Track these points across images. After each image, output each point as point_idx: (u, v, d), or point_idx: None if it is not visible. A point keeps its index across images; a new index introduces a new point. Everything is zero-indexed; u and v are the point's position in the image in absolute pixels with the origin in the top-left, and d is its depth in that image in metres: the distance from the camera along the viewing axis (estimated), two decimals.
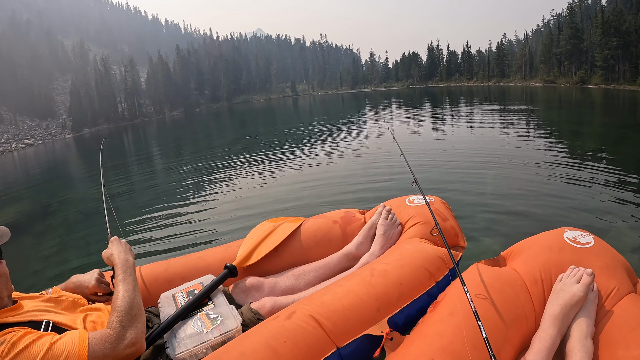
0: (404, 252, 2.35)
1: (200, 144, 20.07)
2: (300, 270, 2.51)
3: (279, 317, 1.91)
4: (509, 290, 1.93)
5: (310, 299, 2.03)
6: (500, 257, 2.29)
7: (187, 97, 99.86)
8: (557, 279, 1.94)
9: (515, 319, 1.83)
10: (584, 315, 1.80)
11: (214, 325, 1.88)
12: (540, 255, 2.08)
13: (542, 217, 4.54)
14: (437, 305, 1.95)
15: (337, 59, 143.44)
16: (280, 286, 2.39)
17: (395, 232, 2.67)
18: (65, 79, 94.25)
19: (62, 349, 1.44)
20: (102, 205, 2.48)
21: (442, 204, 2.86)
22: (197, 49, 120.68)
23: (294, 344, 1.74)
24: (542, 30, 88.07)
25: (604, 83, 49.72)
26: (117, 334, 1.55)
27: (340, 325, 1.87)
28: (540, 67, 64.83)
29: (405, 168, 3.09)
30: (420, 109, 25.45)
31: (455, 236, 2.66)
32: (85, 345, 1.47)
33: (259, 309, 2.09)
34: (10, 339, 1.43)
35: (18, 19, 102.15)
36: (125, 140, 33.16)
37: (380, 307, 1.99)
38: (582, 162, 7.20)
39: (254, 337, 1.77)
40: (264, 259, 2.63)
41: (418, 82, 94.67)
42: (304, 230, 2.83)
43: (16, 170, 24.76)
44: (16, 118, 71.97)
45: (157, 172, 12.39)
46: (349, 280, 2.17)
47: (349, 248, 2.64)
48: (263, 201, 6.54)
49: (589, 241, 2.10)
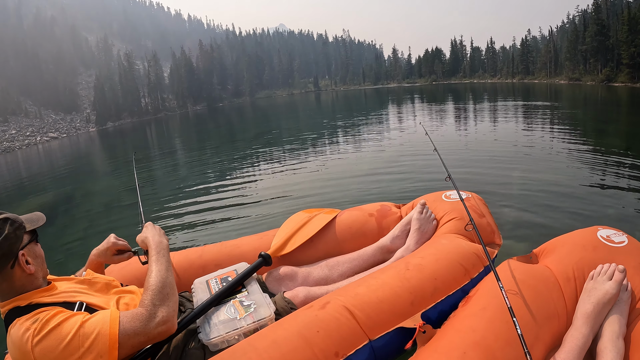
0: (440, 247, 2.33)
1: (226, 137, 20.25)
2: (334, 261, 2.50)
3: (312, 306, 1.91)
4: (542, 287, 1.90)
5: (345, 290, 2.02)
6: (532, 254, 2.25)
7: (210, 92, 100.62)
8: (589, 277, 1.90)
9: (547, 316, 1.80)
10: (616, 315, 1.76)
11: (247, 312, 1.89)
12: (573, 253, 2.04)
13: (575, 215, 4.48)
14: (470, 300, 1.93)
15: (359, 54, 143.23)
16: (313, 276, 2.39)
17: (431, 227, 2.64)
18: (90, 74, 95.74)
19: (94, 327, 1.46)
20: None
21: (479, 200, 2.83)
22: (220, 44, 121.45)
23: (327, 334, 1.74)
24: (567, 26, 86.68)
25: (630, 81, 48.77)
26: (148, 312, 1.57)
27: (373, 318, 1.86)
28: (565, 65, 63.91)
29: (437, 161, 3.08)
30: (444, 105, 25.37)
31: (492, 233, 2.63)
32: (117, 324, 1.49)
33: (292, 298, 2.09)
34: (42, 318, 1.46)
35: (43, 16, 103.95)
36: (148, 133, 33.51)
37: (414, 301, 1.98)
38: (613, 161, 7.04)
39: (287, 326, 1.77)
40: (299, 249, 2.64)
41: (441, 79, 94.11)
42: (339, 222, 2.83)
43: (41, 162, 25.21)
44: (41, 112, 73.28)
45: (185, 164, 12.56)
46: (383, 272, 2.15)
47: (384, 241, 2.63)
48: (298, 192, 6.62)
49: (623, 240, 2.05)
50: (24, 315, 1.49)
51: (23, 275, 1.57)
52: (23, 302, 1.54)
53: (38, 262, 1.64)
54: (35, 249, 1.66)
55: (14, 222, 1.58)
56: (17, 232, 1.57)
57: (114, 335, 1.46)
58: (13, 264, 1.54)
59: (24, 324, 1.45)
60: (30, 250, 1.62)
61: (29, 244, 1.62)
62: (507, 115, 16.60)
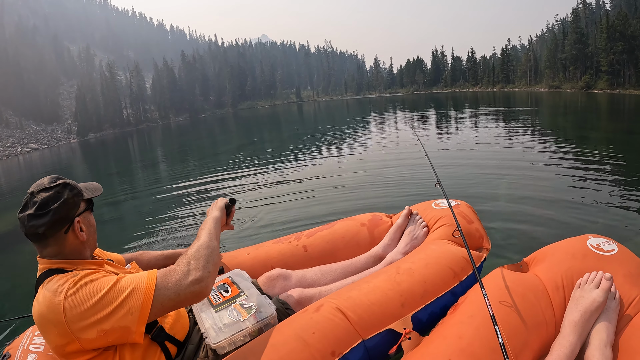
0: (430, 252, 2.40)
1: (208, 150, 20.06)
2: (327, 267, 2.55)
3: (307, 310, 1.96)
4: (530, 295, 1.92)
5: (338, 294, 2.08)
6: (522, 262, 2.28)
7: (192, 103, 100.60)
8: (576, 285, 1.92)
9: (536, 324, 1.82)
10: (604, 322, 1.77)
11: (250, 313, 1.92)
12: (563, 262, 2.06)
13: (565, 224, 4.49)
14: (458, 308, 1.97)
15: (341, 65, 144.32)
16: (307, 279, 2.44)
17: (421, 232, 2.73)
18: (71, 84, 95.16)
19: (130, 282, 1.49)
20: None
21: (468, 207, 2.89)
22: (203, 55, 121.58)
23: (323, 334, 1.80)
24: (546, 35, 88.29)
25: (609, 88, 49.78)
26: (182, 269, 1.55)
27: (365, 319, 1.92)
28: (545, 73, 64.98)
29: (429, 172, 3.11)
30: (426, 114, 25.51)
31: (480, 238, 2.69)
32: (154, 281, 1.50)
33: (286, 298, 2.13)
34: (83, 273, 1.51)
35: (25, 25, 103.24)
36: (130, 144, 33.26)
37: (404, 303, 2.03)
38: (609, 170, 7.06)
39: (284, 330, 1.82)
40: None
41: (423, 88, 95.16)
42: (333, 232, 2.90)
43: (21, 174, 24.85)
44: (22, 122, 72.55)
45: (167, 177, 12.42)
46: (375, 277, 2.22)
47: (376, 250, 2.71)
48: (284, 205, 6.53)
49: (613, 248, 2.07)
50: (68, 273, 1.52)
51: (75, 242, 1.60)
52: (70, 266, 1.57)
53: (91, 232, 1.68)
54: (90, 218, 1.71)
55: (73, 188, 1.62)
56: (75, 199, 1.61)
57: (150, 291, 1.47)
58: (67, 229, 1.56)
59: (63, 278, 1.48)
60: (85, 218, 1.66)
61: (85, 212, 1.66)
62: (487, 124, 16.83)
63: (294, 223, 5.38)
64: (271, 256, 2.71)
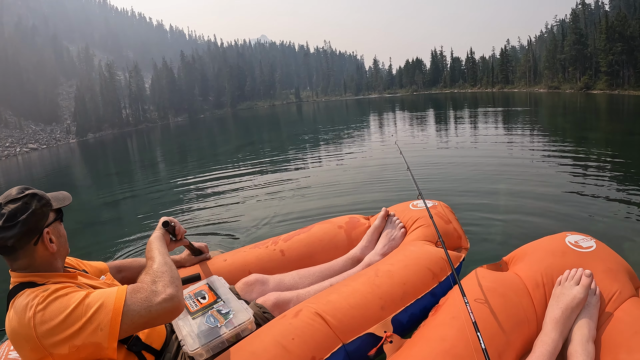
0: (408, 254, 2.40)
1: (207, 151, 19.96)
2: (305, 271, 2.55)
3: (286, 315, 1.95)
4: (511, 294, 1.93)
5: (317, 298, 2.08)
6: (502, 261, 2.29)
7: (191, 103, 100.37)
8: (556, 283, 1.94)
9: (517, 323, 1.84)
10: (585, 319, 1.79)
11: (227, 319, 1.92)
12: (542, 260, 2.08)
13: (545, 222, 4.52)
14: (439, 309, 1.97)
15: (340, 65, 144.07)
16: (285, 284, 2.43)
17: (399, 233, 2.73)
18: (70, 84, 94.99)
19: (99, 298, 1.47)
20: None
21: (445, 208, 2.90)
22: (202, 55, 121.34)
23: (302, 340, 1.79)
24: (545, 36, 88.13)
25: (608, 89, 49.73)
26: (148, 287, 1.53)
27: (345, 323, 1.91)
28: (544, 73, 64.88)
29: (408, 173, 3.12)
30: (425, 116, 25.49)
31: (459, 238, 2.70)
32: (123, 297, 1.48)
33: (264, 302, 2.13)
34: (54, 287, 1.48)
35: (24, 25, 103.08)
36: (129, 144, 33.22)
37: (384, 306, 2.03)
38: (585, 166, 7.21)
39: (263, 336, 1.81)
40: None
41: (422, 89, 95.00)
42: (311, 234, 2.89)
43: (20, 174, 24.82)
44: (21, 122, 72.40)
45: (165, 177, 12.40)
46: (354, 280, 2.22)
47: (354, 252, 2.71)
48: (266, 205, 6.50)
49: (591, 245, 2.09)
50: (38, 287, 1.50)
51: (45, 253, 1.57)
52: (41, 279, 1.55)
53: (61, 242, 1.66)
54: (60, 228, 1.68)
55: (41, 198, 1.60)
56: (43, 209, 1.59)
57: (119, 307, 1.46)
58: (37, 241, 1.54)
59: (33, 293, 1.46)
60: (54, 229, 1.63)
61: (54, 222, 1.64)
62: (486, 124, 16.86)
63: (271, 226, 5.36)
64: (249, 261, 2.69)
